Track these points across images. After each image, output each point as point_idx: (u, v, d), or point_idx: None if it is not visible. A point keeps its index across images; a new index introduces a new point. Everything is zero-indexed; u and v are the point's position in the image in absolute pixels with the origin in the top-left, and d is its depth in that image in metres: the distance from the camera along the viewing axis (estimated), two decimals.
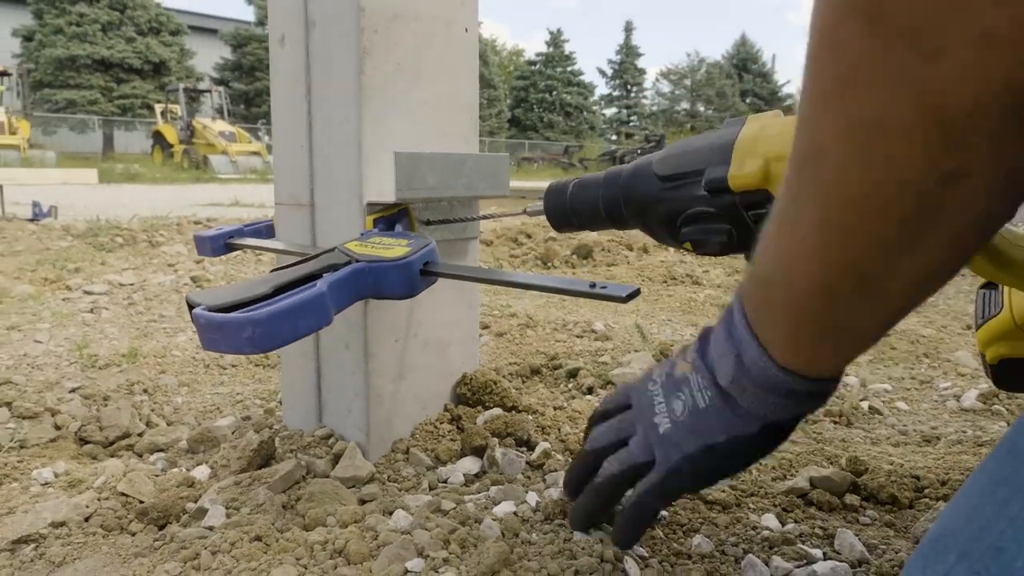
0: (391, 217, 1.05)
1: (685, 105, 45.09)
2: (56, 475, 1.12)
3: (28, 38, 26.26)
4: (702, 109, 44.01)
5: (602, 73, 45.65)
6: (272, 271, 0.88)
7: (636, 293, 0.68)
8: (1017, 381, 0.82)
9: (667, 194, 0.77)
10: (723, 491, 0.99)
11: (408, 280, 0.86)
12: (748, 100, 44.78)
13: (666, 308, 2.61)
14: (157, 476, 1.11)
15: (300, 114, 1.12)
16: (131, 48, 26.53)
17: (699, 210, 0.74)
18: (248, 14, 36.40)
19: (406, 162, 1.02)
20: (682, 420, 0.65)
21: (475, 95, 1.19)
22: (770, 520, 0.94)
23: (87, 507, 0.98)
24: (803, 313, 0.50)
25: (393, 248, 0.89)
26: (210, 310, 0.76)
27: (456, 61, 1.15)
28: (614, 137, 44.29)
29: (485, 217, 1.13)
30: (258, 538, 0.83)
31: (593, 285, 0.71)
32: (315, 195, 1.12)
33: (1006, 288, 0.82)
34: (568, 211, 0.89)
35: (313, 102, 1.10)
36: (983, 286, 0.86)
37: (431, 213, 1.12)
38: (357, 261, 0.86)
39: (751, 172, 0.68)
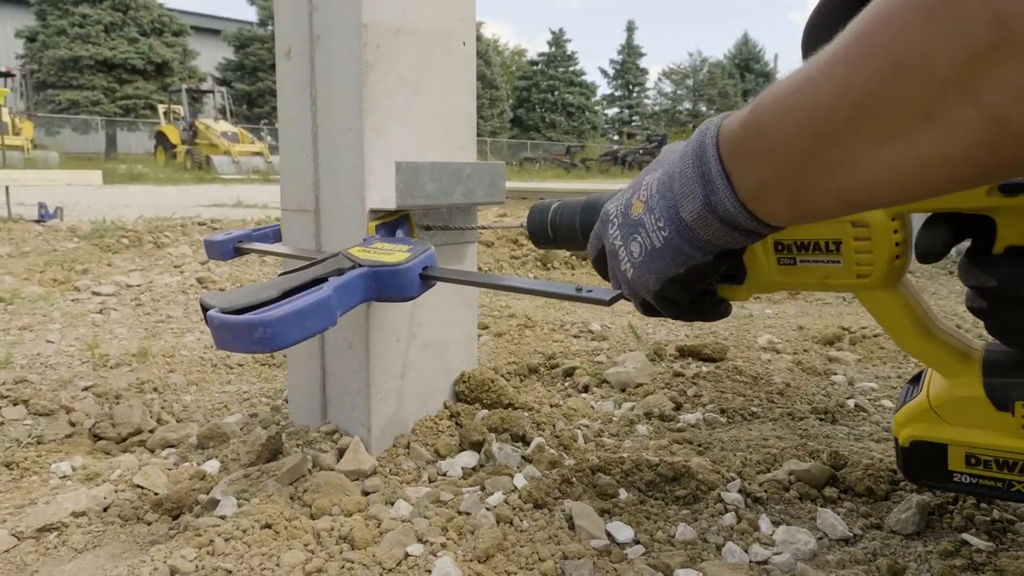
0: (392, 223, 1.11)
1: (687, 105, 45.14)
2: (73, 468, 1.18)
3: (31, 39, 26.38)
4: (704, 109, 44.04)
5: (604, 73, 45.76)
6: (280, 275, 0.94)
7: (619, 297, 0.73)
8: (926, 471, 0.80)
9: None
10: (706, 479, 1.05)
11: (409, 284, 0.92)
12: (750, 100, 44.74)
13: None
14: (170, 470, 1.17)
15: (306, 124, 1.17)
16: (134, 49, 26.64)
17: None
18: (251, 15, 36.56)
19: (406, 171, 1.07)
20: (641, 260, 0.67)
21: (472, 106, 1.25)
22: (750, 510, 0.99)
23: (105, 498, 1.04)
24: (785, 163, 0.54)
25: (394, 253, 0.95)
26: (223, 312, 0.82)
27: (454, 74, 1.20)
28: (616, 137, 44.36)
29: (486, 227, 1.19)
30: (268, 526, 0.89)
31: (579, 289, 0.76)
32: (320, 201, 1.18)
33: (928, 373, 0.84)
34: (547, 231, 0.94)
35: (318, 113, 1.16)
36: (911, 380, 0.88)
37: (431, 219, 1.17)
38: (360, 266, 0.92)
39: None
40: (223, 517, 0.94)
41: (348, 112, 1.10)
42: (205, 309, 0.84)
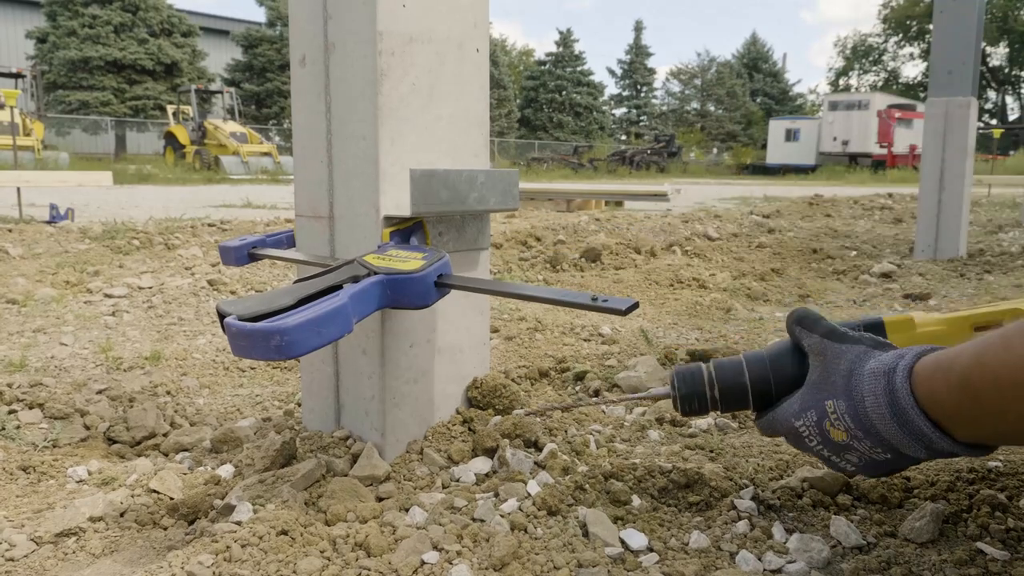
0: (406, 230, 1.11)
1: (695, 105, 45.05)
2: (89, 473, 1.19)
3: (42, 40, 26.53)
4: (712, 109, 43.96)
5: (612, 73, 45.71)
6: (296, 282, 0.95)
7: (635, 306, 0.73)
8: None
9: None
10: (719, 486, 1.05)
11: (424, 292, 0.92)
12: (759, 99, 44.70)
13: (672, 312, 2.66)
14: (185, 474, 1.18)
15: (320, 131, 1.18)
16: (143, 50, 26.76)
17: None
18: (259, 15, 36.66)
19: (421, 178, 1.07)
20: (860, 467, 0.80)
21: (485, 112, 1.25)
22: (764, 518, 0.99)
23: (121, 503, 1.05)
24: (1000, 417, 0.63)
25: (409, 261, 0.95)
26: (240, 319, 0.82)
27: (467, 80, 1.21)
28: (624, 137, 44.31)
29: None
30: (284, 532, 0.89)
31: (595, 298, 0.76)
32: (334, 208, 1.19)
33: None
34: (705, 398, 0.90)
35: (333, 120, 1.16)
36: None
37: (445, 226, 1.18)
38: (376, 273, 0.92)
39: None
40: (239, 523, 0.95)
41: (362, 119, 1.11)
42: (222, 316, 0.85)
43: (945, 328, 0.90)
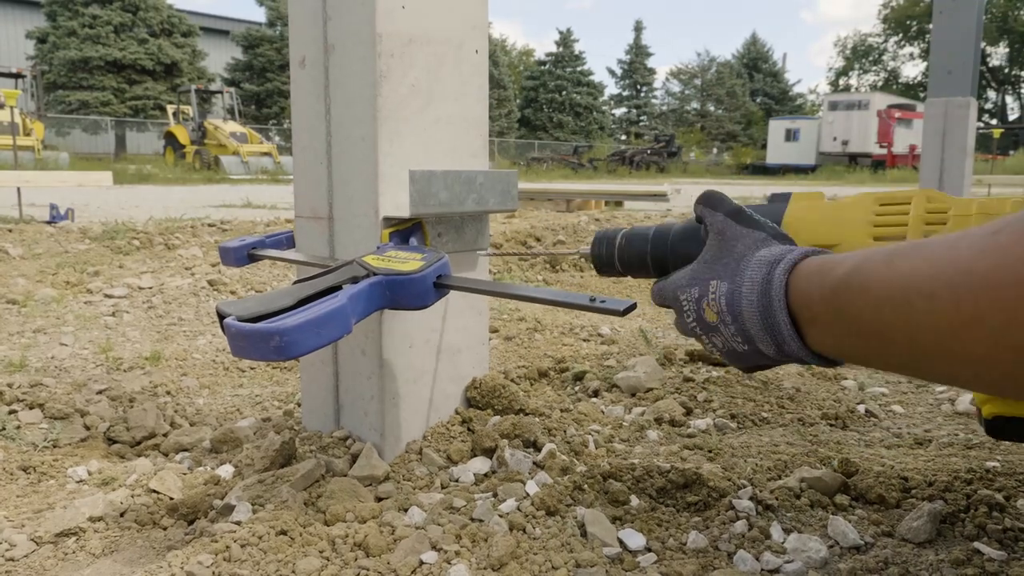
0: (406, 231, 1.12)
1: (695, 105, 45.06)
2: (89, 473, 1.19)
3: (42, 40, 26.54)
4: (712, 108, 43.97)
5: (612, 73, 45.72)
6: (295, 283, 0.95)
7: (633, 307, 0.74)
8: (1008, 435, 0.86)
9: None
10: (718, 486, 1.05)
11: (423, 293, 0.92)
12: (759, 99, 44.71)
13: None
14: (184, 474, 1.18)
15: (320, 132, 1.18)
16: (143, 50, 26.77)
17: None
18: (259, 15, 36.65)
19: (420, 179, 1.08)
20: (724, 352, 0.77)
21: (484, 113, 1.25)
22: (762, 518, 0.99)
23: (121, 503, 1.05)
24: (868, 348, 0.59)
25: (408, 262, 0.95)
26: (239, 320, 0.83)
27: (466, 82, 1.21)
28: (624, 137, 44.32)
29: (539, 254, 1.20)
30: (283, 532, 0.90)
31: (593, 299, 0.77)
32: (334, 209, 1.19)
33: None
34: (614, 262, 0.96)
35: (332, 121, 1.17)
36: None
37: (444, 227, 1.18)
38: (375, 274, 0.93)
39: None
40: (238, 523, 0.95)
41: (362, 121, 1.11)
42: (222, 317, 0.85)
43: (851, 202, 0.87)
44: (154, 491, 1.10)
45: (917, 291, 0.52)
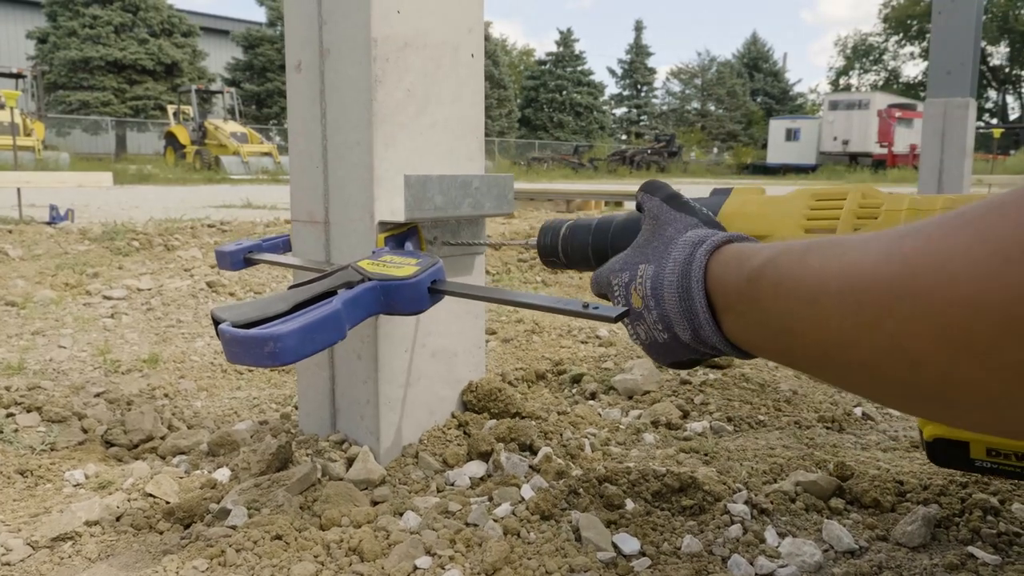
0: (401, 235, 1.12)
1: (696, 104, 45.06)
2: (87, 476, 1.19)
3: (42, 40, 26.54)
4: (713, 108, 43.96)
5: (612, 73, 45.70)
6: (290, 288, 0.95)
7: (626, 314, 0.74)
8: (950, 461, 0.85)
9: None
10: (713, 489, 1.05)
11: (417, 298, 0.92)
12: (759, 99, 44.70)
13: None
14: (181, 478, 1.18)
15: (315, 136, 1.19)
16: (144, 50, 26.77)
17: None
18: (260, 15, 36.65)
19: (415, 183, 1.08)
20: (647, 343, 0.75)
21: (481, 117, 1.26)
22: (756, 522, 0.99)
23: (118, 507, 1.05)
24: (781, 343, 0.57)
25: (403, 267, 0.96)
26: (234, 326, 0.83)
27: (463, 85, 1.21)
28: (624, 137, 44.32)
29: (497, 244, 1.20)
30: (278, 537, 0.90)
31: (586, 306, 0.77)
32: (330, 213, 1.19)
33: None
34: (558, 252, 0.97)
35: (328, 125, 1.17)
36: None
37: (440, 231, 1.18)
38: (370, 279, 0.93)
39: None
40: (234, 527, 0.95)
41: (357, 125, 1.11)
42: (216, 322, 0.85)
43: (788, 196, 0.87)
44: (150, 495, 1.10)
45: (824, 290, 0.49)
